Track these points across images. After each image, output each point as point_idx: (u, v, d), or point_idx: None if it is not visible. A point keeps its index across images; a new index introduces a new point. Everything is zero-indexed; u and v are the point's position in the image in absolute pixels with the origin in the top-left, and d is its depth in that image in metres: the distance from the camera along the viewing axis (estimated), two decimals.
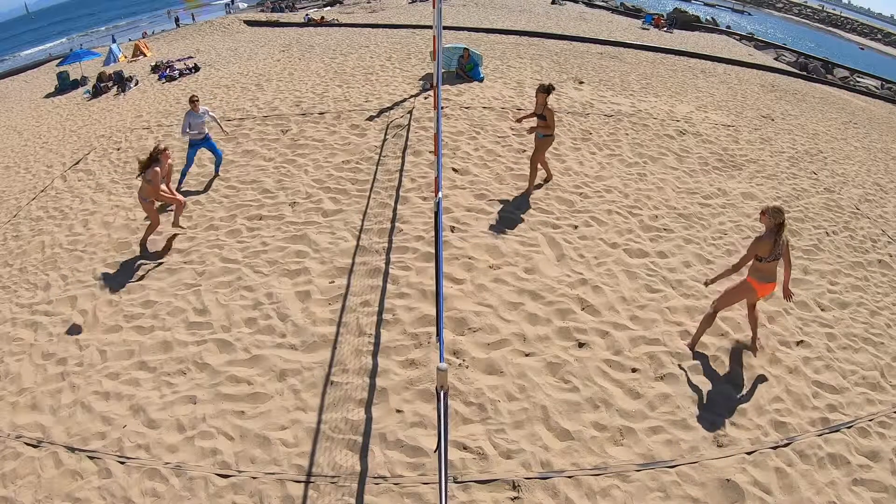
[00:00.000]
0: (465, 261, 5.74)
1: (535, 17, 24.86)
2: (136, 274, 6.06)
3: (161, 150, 6.19)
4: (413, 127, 9.05)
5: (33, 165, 10.14)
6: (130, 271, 6.12)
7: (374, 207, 6.81)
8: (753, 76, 16.91)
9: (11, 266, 6.65)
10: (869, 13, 79.48)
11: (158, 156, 6.14)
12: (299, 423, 4.11)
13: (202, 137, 7.69)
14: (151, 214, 6.41)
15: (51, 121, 13.69)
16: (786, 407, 4.43)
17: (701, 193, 7.65)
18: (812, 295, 5.89)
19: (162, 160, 6.19)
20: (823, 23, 58.85)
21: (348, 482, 3.67)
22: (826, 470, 3.97)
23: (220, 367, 4.65)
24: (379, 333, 4.86)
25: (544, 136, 6.88)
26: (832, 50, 34.33)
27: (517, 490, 3.62)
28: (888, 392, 4.78)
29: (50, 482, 3.82)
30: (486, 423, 4.07)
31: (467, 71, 11.94)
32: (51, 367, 4.90)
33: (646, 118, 10.33)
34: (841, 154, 10.53)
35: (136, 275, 6.04)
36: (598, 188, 7.46)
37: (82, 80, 17.74)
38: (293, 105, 10.58)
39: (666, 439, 4.04)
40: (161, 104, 12.47)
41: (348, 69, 13.20)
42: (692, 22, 29.32)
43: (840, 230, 7.33)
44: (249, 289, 5.56)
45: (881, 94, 19.87)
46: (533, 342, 4.79)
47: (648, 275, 5.77)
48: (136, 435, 4.12)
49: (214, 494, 3.65)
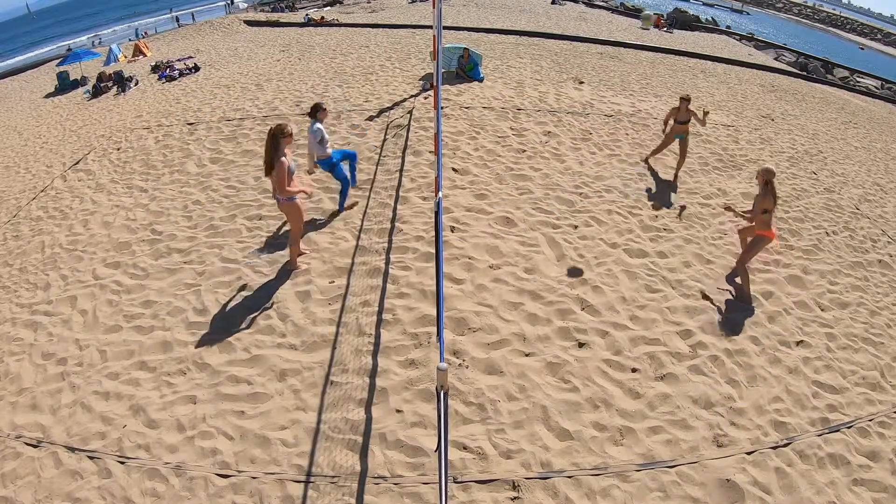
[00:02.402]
0: (465, 261, 5.74)
1: (535, 17, 24.85)
2: (136, 274, 6.06)
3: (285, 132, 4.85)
4: (413, 127, 9.05)
5: (33, 165, 10.14)
6: (130, 271, 6.12)
7: (374, 207, 6.81)
8: (753, 76, 16.91)
9: (11, 266, 6.65)
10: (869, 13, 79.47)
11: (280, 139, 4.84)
12: (299, 423, 4.11)
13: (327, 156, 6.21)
14: (292, 216, 5.25)
15: (51, 121, 13.69)
16: (786, 407, 4.44)
17: (701, 193, 7.66)
18: (812, 295, 5.89)
19: (283, 145, 4.89)
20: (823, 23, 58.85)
21: (348, 482, 3.67)
22: (826, 470, 3.98)
23: (220, 367, 4.65)
24: (379, 333, 4.86)
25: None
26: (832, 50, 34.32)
27: (517, 490, 3.62)
28: (888, 392, 4.79)
29: (50, 482, 3.82)
30: (486, 423, 4.07)
31: (467, 71, 11.93)
32: (51, 367, 4.90)
33: (646, 118, 10.33)
34: (841, 154, 10.53)
35: (136, 275, 6.04)
36: (598, 188, 7.46)
37: (82, 80, 17.74)
38: (293, 105, 10.57)
39: (666, 439, 4.04)
40: (161, 104, 12.46)
41: (348, 69, 13.20)
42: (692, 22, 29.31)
43: (840, 230, 7.33)
44: (249, 289, 5.56)
45: (881, 94, 19.86)
46: (533, 342, 4.79)
47: (648, 275, 5.77)
48: (136, 435, 4.12)
49: (214, 494, 3.65)
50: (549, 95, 11.08)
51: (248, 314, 5.23)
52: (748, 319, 5.33)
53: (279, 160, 4.88)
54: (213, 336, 5.00)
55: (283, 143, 4.90)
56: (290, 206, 5.20)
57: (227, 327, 5.10)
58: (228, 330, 5.07)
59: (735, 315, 5.34)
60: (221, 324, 5.14)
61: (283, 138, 4.88)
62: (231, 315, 5.23)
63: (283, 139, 4.88)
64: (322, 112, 5.99)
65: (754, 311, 5.47)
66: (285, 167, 4.90)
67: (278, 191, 5.00)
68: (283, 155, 4.91)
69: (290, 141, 4.93)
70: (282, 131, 4.87)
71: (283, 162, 4.88)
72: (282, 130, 4.87)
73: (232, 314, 5.24)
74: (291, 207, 5.21)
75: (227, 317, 5.22)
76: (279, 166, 4.88)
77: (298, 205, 5.23)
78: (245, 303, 5.37)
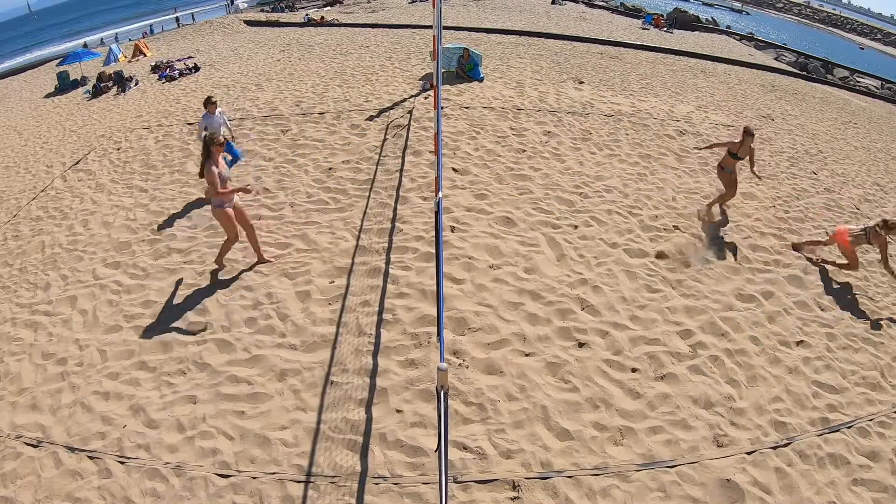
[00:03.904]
0: (465, 261, 5.74)
1: (535, 17, 24.85)
2: (136, 274, 6.06)
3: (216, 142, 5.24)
4: (413, 127, 9.05)
5: (33, 165, 10.14)
6: (130, 271, 6.11)
7: (374, 207, 6.81)
8: (753, 76, 16.91)
9: (11, 266, 6.65)
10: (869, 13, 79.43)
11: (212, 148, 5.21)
12: (299, 423, 4.11)
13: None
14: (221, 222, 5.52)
15: (51, 121, 13.69)
16: (786, 407, 4.44)
17: (701, 193, 7.65)
18: (812, 295, 5.89)
19: (214, 154, 5.27)
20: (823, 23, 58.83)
21: (348, 482, 3.67)
22: (826, 470, 3.98)
23: (220, 367, 4.65)
24: (379, 333, 4.86)
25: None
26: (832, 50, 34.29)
27: (517, 490, 3.62)
28: (888, 392, 4.79)
29: (50, 482, 3.82)
30: (486, 423, 4.07)
31: (467, 71, 11.94)
32: (51, 367, 4.90)
33: (646, 118, 10.33)
34: (841, 154, 10.53)
35: (136, 275, 6.04)
36: (598, 188, 7.46)
37: (82, 80, 17.74)
38: (293, 105, 10.58)
39: (666, 439, 4.04)
40: (161, 104, 12.46)
41: (348, 69, 13.20)
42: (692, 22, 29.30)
43: None
44: (249, 289, 5.56)
45: (881, 94, 19.85)
46: (533, 342, 4.79)
47: (648, 275, 5.77)
48: (136, 435, 4.12)
49: (214, 494, 3.65)
50: (549, 95, 11.08)
51: (248, 314, 5.23)
52: (749, 319, 5.33)
53: (209, 167, 5.24)
54: (213, 336, 5.00)
55: (214, 152, 5.27)
56: (219, 212, 5.42)
57: (226, 327, 5.10)
58: (228, 330, 5.07)
59: (736, 315, 5.33)
60: (221, 324, 5.14)
61: (214, 147, 5.25)
62: (230, 315, 5.23)
63: (213, 148, 5.25)
64: (211, 105, 7.18)
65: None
66: (214, 173, 5.24)
67: (209, 194, 5.26)
68: (213, 163, 5.26)
69: (220, 150, 5.32)
70: (212, 141, 5.25)
71: (213, 169, 5.24)
72: (212, 140, 5.26)
73: (231, 314, 5.24)
74: (220, 214, 5.42)
75: (226, 317, 5.22)
76: (208, 173, 5.25)
77: (228, 213, 5.41)
78: (245, 303, 5.37)
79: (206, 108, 7.27)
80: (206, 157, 5.25)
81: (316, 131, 9.13)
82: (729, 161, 6.91)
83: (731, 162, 6.90)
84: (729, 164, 6.93)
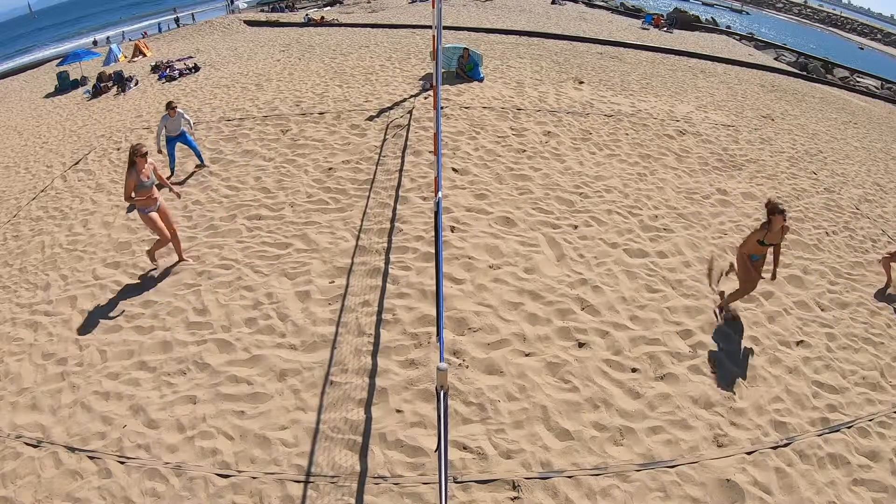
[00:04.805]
0: (465, 261, 5.74)
1: (535, 17, 24.85)
2: (135, 274, 6.06)
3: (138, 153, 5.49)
4: (413, 127, 9.05)
5: (33, 165, 10.14)
6: (130, 271, 6.11)
7: (374, 207, 6.81)
8: (753, 76, 16.91)
9: (11, 266, 6.65)
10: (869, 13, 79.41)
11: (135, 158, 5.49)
12: (299, 423, 4.11)
13: (178, 133, 8.16)
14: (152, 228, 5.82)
15: (51, 121, 13.69)
16: (786, 407, 4.44)
17: (701, 193, 7.65)
18: (812, 295, 5.89)
19: (138, 164, 5.51)
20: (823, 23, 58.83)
21: (348, 482, 3.67)
22: (826, 470, 3.98)
23: (220, 367, 4.65)
24: (379, 333, 4.86)
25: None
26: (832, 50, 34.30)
27: (517, 490, 3.62)
28: (888, 392, 4.78)
29: (50, 482, 3.82)
30: (486, 423, 4.07)
31: (467, 71, 11.93)
32: (51, 367, 4.90)
33: (646, 118, 10.33)
34: (841, 154, 10.53)
35: (135, 275, 6.04)
36: (598, 188, 7.45)
37: (82, 80, 17.74)
38: (293, 105, 10.58)
39: (666, 439, 4.04)
40: (161, 104, 12.43)
41: (348, 69, 13.20)
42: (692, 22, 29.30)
43: (840, 230, 7.33)
44: (249, 289, 5.56)
45: (881, 94, 19.86)
46: (533, 342, 4.79)
47: (648, 275, 5.77)
48: (136, 435, 4.12)
49: (214, 494, 3.65)
50: (549, 95, 11.08)
51: (248, 314, 5.23)
52: (749, 319, 5.33)
53: (127, 174, 5.51)
54: (213, 336, 5.00)
55: (137, 162, 5.51)
56: (144, 217, 5.75)
57: (227, 327, 5.10)
58: (228, 330, 5.07)
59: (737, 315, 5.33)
60: (221, 324, 5.14)
61: (137, 157, 5.50)
62: (231, 315, 5.23)
63: (137, 158, 5.50)
64: (171, 110, 7.89)
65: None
66: (129, 181, 5.50)
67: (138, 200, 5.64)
68: (135, 172, 5.50)
69: (143, 162, 5.54)
70: (135, 151, 5.49)
71: (129, 177, 5.49)
72: (135, 150, 5.50)
73: (232, 314, 5.24)
74: (144, 218, 5.76)
75: (226, 317, 5.22)
76: (126, 179, 5.52)
77: (151, 217, 5.71)
78: (245, 303, 5.37)
79: (167, 111, 7.94)
80: (130, 166, 5.51)
81: (316, 131, 9.13)
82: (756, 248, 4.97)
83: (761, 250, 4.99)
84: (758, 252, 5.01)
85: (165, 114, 8.01)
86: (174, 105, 8.05)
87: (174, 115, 7.99)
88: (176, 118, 8.04)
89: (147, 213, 5.71)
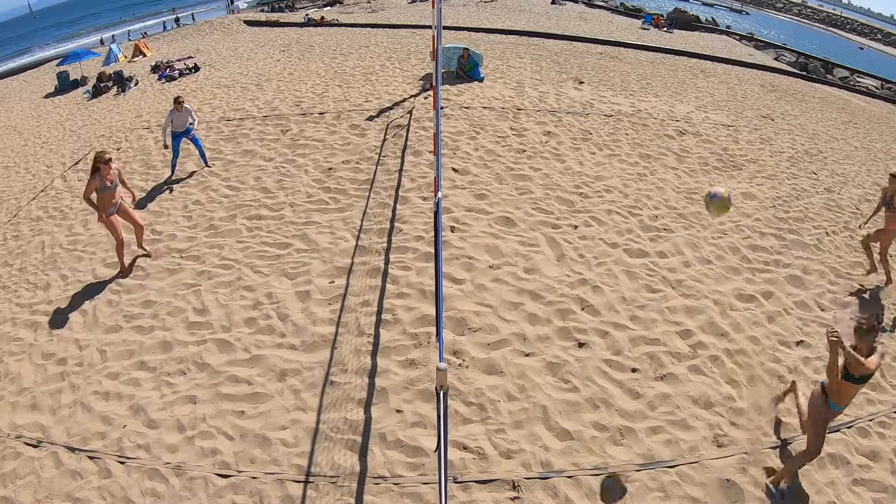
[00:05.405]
0: (465, 261, 5.74)
1: (535, 17, 24.85)
2: (136, 274, 6.06)
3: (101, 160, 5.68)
4: (413, 127, 9.05)
5: (33, 165, 10.14)
6: (130, 271, 6.11)
7: (374, 207, 6.81)
8: (753, 76, 16.90)
9: (11, 266, 6.65)
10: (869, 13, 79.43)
11: (99, 165, 5.67)
12: (299, 423, 4.11)
13: (184, 130, 8.17)
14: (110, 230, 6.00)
15: (51, 121, 13.69)
16: (786, 407, 4.43)
17: (701, 193, 7.65)
18: (812, 295, 5.89)
19: (102, 171, 5.69)
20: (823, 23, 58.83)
21: (348, 482, 3.67)
22: (826, 470, 3.97)
23: (220, 367, 4.65)
24: (379, 333, 4.86)
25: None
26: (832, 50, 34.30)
27: (517, 490, 3.62)
28: (888, 392, 4.78)
29: (50, 482, 3.82)
30: (486, 423, 4.07)
31: (467, 71, 11.93)
32: (51, 367, 4.90)
33: (646, 118, 10.33)
34: (841, 154, 10.52)
35: (136, 275, 6.04)
36: (598, 188, 7.45)
37: (82, 80, 17.73)
38: (293, 105, 10.58)
39: (666, 439, 4.04)
40: (161, 104, 12.45)
41: (348, 69, 13.20)
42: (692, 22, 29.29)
43: (840, 230, 7.32)
44: (249, 289, 5.56)
45: (881, 94, 19.83)
46: (533, 342, 4.79)
47: (648, 275, 5.77)
48: (136, 435, 4.12)
49: (214, 494, 3.65)
50: (549, 95, 11.08)
51: (248, 314, 5.23)
52: (748, 320, 5.33)
53: (90, 178, 5.69)
54: (213, 336, 5.00)
55: (101, 168, 5.68)
56: (104, 220, 5.90)
57: (227, 327, 5.10)
58: (228, 330, 5.07)
59: (736, 315, 5.33)
60: (221, 324, 5.14)
61: (101, 164, 5.67)
62: (231, 315, 5.23)
63: (101, 165, 5.67)
64: (179, 105, 7.91)
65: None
66: (90, 185, 5.70)
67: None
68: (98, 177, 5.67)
69: (107, 169, 5.72)
70: (98, 158, 5.67)
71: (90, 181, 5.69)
72: (98, 157, 5.67)
73: (232, 314, 5.25)
74: (102, 220, 5.91)
75: (226, 317, 5.22)
76: (88, 182, 5.72)
77: (111, 220, 5.89)
78: (245, 303, 5.38)
79: (175, 106, 7.95)
80: (93, 171, 5.68)
81: (316, 131, 9.13)
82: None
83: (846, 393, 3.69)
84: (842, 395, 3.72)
85: (172, 108, 8.00)
86: (181, 100, 8.03)
87: (181, 111, 7.97)
88: (183, 114, 8.03)
89: (107, 215, 5.88)
